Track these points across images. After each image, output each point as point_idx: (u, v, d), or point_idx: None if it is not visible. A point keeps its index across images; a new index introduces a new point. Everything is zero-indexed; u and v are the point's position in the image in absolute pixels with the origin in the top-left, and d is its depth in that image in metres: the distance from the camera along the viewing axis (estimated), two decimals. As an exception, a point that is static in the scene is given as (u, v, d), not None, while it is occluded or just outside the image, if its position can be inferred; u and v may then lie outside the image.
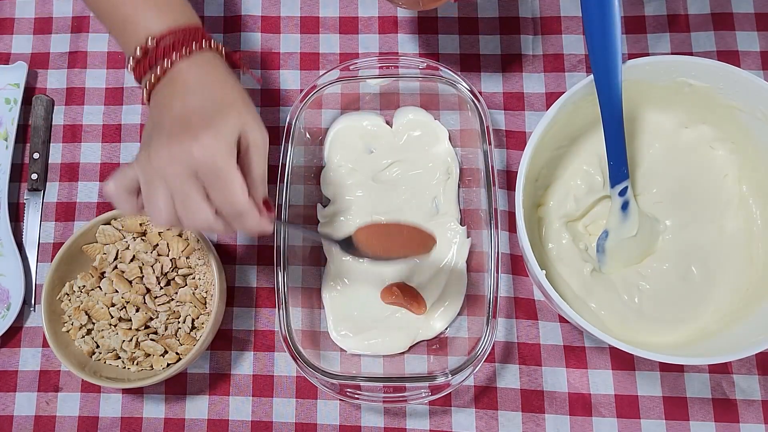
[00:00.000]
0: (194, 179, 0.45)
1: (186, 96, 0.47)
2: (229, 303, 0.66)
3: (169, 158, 0.44)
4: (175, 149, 0.44)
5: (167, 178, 0.45)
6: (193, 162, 0.44)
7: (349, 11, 0.73)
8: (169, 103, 0.47)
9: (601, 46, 0.54)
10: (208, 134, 0.44)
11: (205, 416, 0.64)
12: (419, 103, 0.69)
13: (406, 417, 0.63)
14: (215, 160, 0.44)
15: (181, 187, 0.45)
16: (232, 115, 0.46)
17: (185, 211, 0.45)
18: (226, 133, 0.45)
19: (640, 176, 0.63)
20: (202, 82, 0.48)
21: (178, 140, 0.45)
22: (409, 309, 0.64)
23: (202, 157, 0.44)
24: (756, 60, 0.69)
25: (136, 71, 0.49)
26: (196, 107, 0.46)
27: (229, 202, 0.45)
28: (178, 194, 0.45)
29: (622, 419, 0.61)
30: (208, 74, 0.48)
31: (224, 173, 0.45)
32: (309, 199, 0.67)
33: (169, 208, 0.45)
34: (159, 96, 0.48)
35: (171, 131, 0.45)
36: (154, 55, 0.48)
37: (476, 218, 0.65)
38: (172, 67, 0.47)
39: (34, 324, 0.67)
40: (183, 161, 0.44)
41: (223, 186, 0.45)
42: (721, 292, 0.60)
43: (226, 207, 0.46)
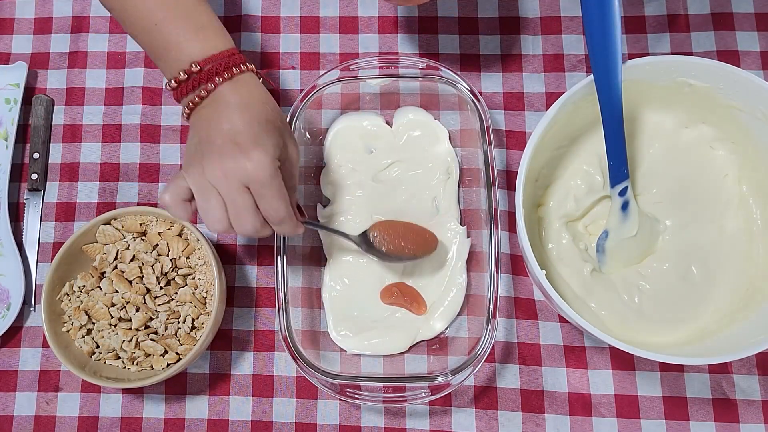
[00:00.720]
0: (246, 191, 0.50)
1: (232, 116, 0.51)
2: (229, 303, 0.66)
3: (222, 173, 0.50)
4: (229, 165, 0.50)
5: (222, 190, 0.50)
6: (246, 177, 0.50)
7: (349, 11, 0.73)
8: (217, 121, 0.51)
9: (601, 46, 0.54)
10: (258, 152, 0.50)
11: (205, 416, 0.64)
12: (419, 103, 0.69)
13: (406, 417, 0.63)
14: (265, 175, 0.50)
15: (235, 198, 0.50)
16: (275, 134, 0.52)
17: (238, 220, 0.51)
18: (272, 150, 0.51)
19: (640, 176, 0.63)
20: (244, 102, 0.52)
21: (231, 156, 0.50)
22: (409, 309, 0.64)
23: (254, 173, 0.50)
24: (756, 60, 0.69)
25: (177, 92, 0.53)
26: (244, 127, 0.51)
27: (275, 211, 0.51)
28: (232, 205, 0.51)
29: (622, 419, 0.61)
30: (248, 95, 0.53)
31: (273, 187, 0.51)
32: (309, 199, 0.67)
33: (223, 217, 0.51)
34: (203, 114, 0.53)
35: (222, 148, 0.50)
36: (198, 79, 0.52)
37: (476, 218, 0.65)
38: (215, 89, 0.52)
39: (34, 324, 0.67)
40: (236, 176, 0.50)
41: (272, 198, 0.51)
42: (721, 292, 0.60)
43: (272, 215, 0.52)
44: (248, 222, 0.51)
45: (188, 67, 0.52)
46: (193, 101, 0.53)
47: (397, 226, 0.62)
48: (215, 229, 0.52)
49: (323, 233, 0.66)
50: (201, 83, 0.52)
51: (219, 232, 0.52)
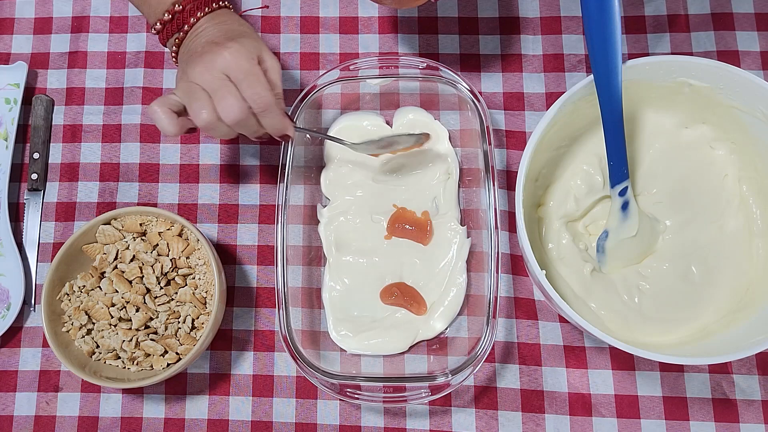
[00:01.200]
0: (227, 79, 0.53)
1: (209, 33, 0.57)
2: (229, 303, 0.66)
3: (203, 66, 0.53)
4: (208, 58, 0.53)
5: (205, 82, 0.53)
6: (224, 64, 0.53)
7: (349, 11, 0.73)
8: (196, 40, 0.57)
9: (601, 46, 0.54)
10: (234, 44, 0.54)
11: (205, 416, 0.64)
12: (419, 103, 0.69)
13: (406, 417, 0.63)
14: (243, 62, 0.53)
15: (219, 86, 0.52)
16: (251, 39, 0.56)
17: (224, 105, 0.53)
18: (249, 46, 0.54)
19: (640, 176, 0.63)
20: (221, 24, 0.57)
21: (209, 52, 0.54)
22: (409, 309, 0.64)
23: (232, 59, 0.53)
24: (756, 60, 0.69)
25: (163, 34, 0.59)
26: (221, 34, 0.56)
27: (258, 95, 0.53)
28: (216, 92, 0.53)
29: (622, 419, 0.61)
30: (226, 20, 0.58)
31: (252, 72, 0.53)
32: (309, 199, 0.67)
33: (209, 107, 0.53)
34: (186, 45, 0.58)
35: (202, 51, 0.54)
36: (180, 17, 0.57)
37: (476, 218, 0.65)
38: (197, 22, 0.57)
39: (34, 324, 0.67)
40: (216, 65, 0.53)
41: (252, 82, 0.53)
42: (721, 292, 0.60)
43: (256, 101, 0.53)
44: (233, 105, 0.52)
45: (171, 8, 0.57)
46: (179, 38, 0.58)
47: None
48: (203, 121, 0.53)
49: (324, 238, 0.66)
50: (184, 21, 0.57)
51: (207, 124, 0.53)
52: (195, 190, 0.69)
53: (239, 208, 0.69)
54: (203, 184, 0.69)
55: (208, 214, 0.69)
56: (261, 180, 0.69)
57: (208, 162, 0.70)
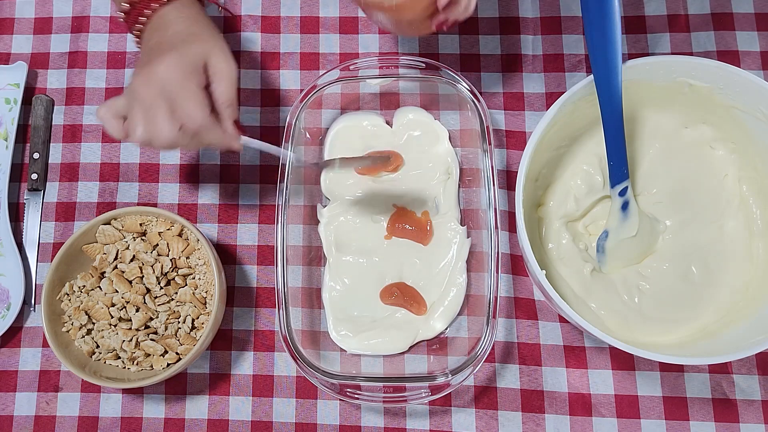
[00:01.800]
0: (161, 98, 0.50)
1: (161, 32, 0.54)
2: (229, 303, 0.66)
3: (141, 79, 0.51)
4: (146, 70, 0.51)
5: (140, 98, 0.50)
6: (158, 79, 0.50)
7: (349, 11, 0.73)
8: (149, 39, 0.55)
9: (601, 46, 0.54)
10: (171, 56, 0.50)
11: (205, 416, 0.64)
12: (419, 103, 0.69)
13: (406, 417, 0.63)
14: (176, 76, 0.50)
15: (150, 104, 0.50)
16: (196, 43, 0.52)
17: (152, 127, 0.50)
18: (188, 55, 0.51)
19: (640, 176, 0.63)
20: (177, 20, 0.54)
21: (147, 65, 0.51)
22: (409, 309, 0.64)
23: (164, 74, 0.50)
24: (756, 60, 0.69)
25: (127, 22, 0.56)
26: (167, 39, 0.53)
27: (188, 116, 0.50)
28: (147, 113, 0.50)
29: (622, 419, 0.61)
30: (182, 13, 0.55)
31: (184, 89, 0.50)
32: (309, 199, 0.67)
33: (142, 125, 0.50)
34: (145, 38, 0.56)
35: (146, 60, 0.52)
36: (140, 6, 0.55)
37: (476, 218, 0.65)
38: (155, 13, 0.55)
39: (34, 324, 0.67)
40: (151, 81, 0.50)
41: (184, 102, 0.50)
42: (721, 292, 0.60)
43: (186, 120, 0.50)
44: (161, 129, 0.50)
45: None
46: (139, 29, 0.56)
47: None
48: (137, 139, 0.51)
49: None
50: (144, 10, 0.55)
51: (140, 144, 0.52)
52: (195, 190, 0.69)
53: (239, 208, 0.69)
54: (203, 184, 0.69)
55: (208, 214, 0.69)
56: (261, 180, 0.69)
57: (208, 162, 0.70)
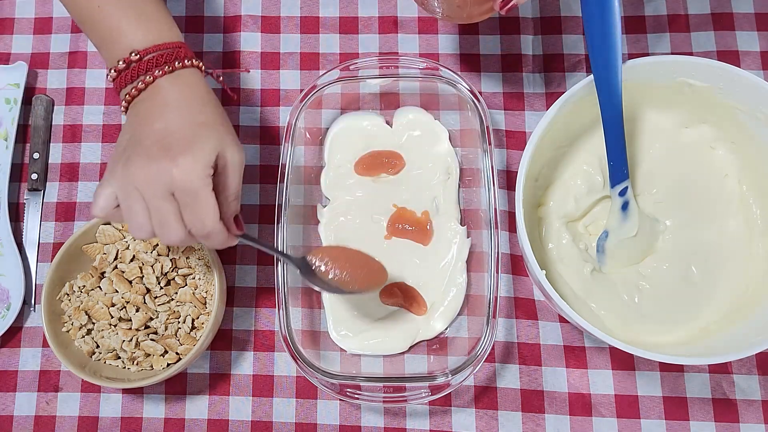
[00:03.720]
0: (171, 199, 0.47)
1: (166, 114, 0.49)
2: (229, 303, 0.66)
3: (147, 178, 0.47)
4: (154, 169, 0.46)
5: (146, 196, 0.47)
6: (171, 184, 0.46)
7: (349, 11, 0.73)
8: (149, 118, 0.49)
9: (601, 46, 0.54)
10: (187, 158, 0.46)
11: (205, 416, 0.64)
12: (419, 103, 0.69)
13: (406, 417, 0.63)
14: (192, 183, 0.47)
15: (159, 205, 0.47)
16: (211, 137, 0.48)
17: (161, 229, 0.48)
18: (203, 155, 0.47)
19: (640, 176, 0.63)
20: (182, 100, 0.49)
21: (157, 161, 0.47)
22: (409, 309, 0.64)
23: (180, 180, 0.46)
24: (756, 60, 0.69)
25: (117, 82, 0.51)
26: (176, 128, 0.48)
27: (200, 224, 0.48)
28: (155, 212, 0.47)
29: (622, 419, 0.61)
30: (188, 93, 0.50)
31: (199, 197, 0.47)
32: (309, 199, 0.67)
33: (146, 223, 0.48)
34: (138, 108, 0.50)
35: (150, 151, 0.47)
36: (136, 69, 0.49)
37: (476, 218, 0.65)
38: (154, 82, 0.49)
39: (34, 324, 0.67)
40: (161, 182, 0.46)
41: (197, 209, 0.48)
42: (721, 292, 0.60)
43: (197, 227, 0.48)
44: (172, 232, 0.48)
45: (127, 56, 0.49)
46: (130, 93, 0.50)
47: (342, 255, 0.57)
48: (138, 236, 0.49)
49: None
50: (140, 74, 0.49)
51: (143, 239, 0.50)
52: (195, 190, 0.69)
53: (239, 209, 0.68)
54: (203, 184, 0.69)
55: (208, 214, 0.69)
56: (261, 180, 0.69)
57: (208, 162, 0.70)
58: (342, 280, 0.57)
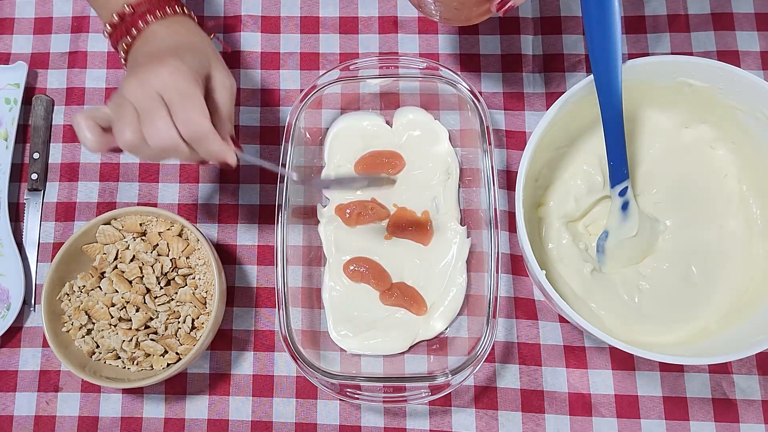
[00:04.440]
0: (160, 99, 0.47)
1: (157, 41, 0.52)
2: (229, 303, 0.66)
3: (137, 82, 0.47)
4: (143, 73, 0.48)
5: (135, 99, 0.47)
6: (159, 83, 0.47)
7: (349, 11, 0.73)
8: (142, 49, 0.52)
9: (601, 46, 0.54)
10: (175, 60, 0.48)
11: (205, 416, 0.64)
12: (419, 103, 0.69)
13: (406, 417, 0.63)
14: (179, 81, 0.47)
15: (148, 105, 0.47)
16: (199, 53, 0.51)
17: (150, 128, 0.47)
18: (193, 63, 0.49)
19: (640, 176, 0.63)
20: (173, 33, 0.52)
21: (145, 66, 0.48)
22: (409, 309, 0.64)
23: (168, 78, 0.47)
24: (756, 60, 0.69)
25: (113, 36, 0.53)
26: (166, 46, 0.51)
27: (191, 122, 0.48)
28: (145, 113, 0.47)
29: (622, 419, 0.61)
30: (179, 30, 0.53)
31: (187, 95, 0.47)
32: (309, 199, 0.67)
33: (134, 127, 0.47)
34: (136, 55, 0.52)
35: (142, 62, 0.49)
36: (130, 22, 0.52)
37: (476, 218, 0.65)
38: (147, 28, 0.52)
39: (34, 324, 0.67)
40: (150, 82, 0.47)
41: (186, 107, 0.47)
42: (721, 291, 0.60)
43: (188, 128, 0.48)
44: (160, 131, 0.47)
45: (121, 10, 0.52)
46: (127, 43, 0.53)
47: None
48: (126, 142, 0.48)
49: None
50: (134, 24, 0.52)
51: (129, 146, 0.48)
52: (195, 190, 0.69)
53: (239, 208, 0.69)
54: (203, 184, 0.69)
55: (208, 214, 0.69)
56: (261, 180, 0.69)
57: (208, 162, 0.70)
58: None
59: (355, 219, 0.65)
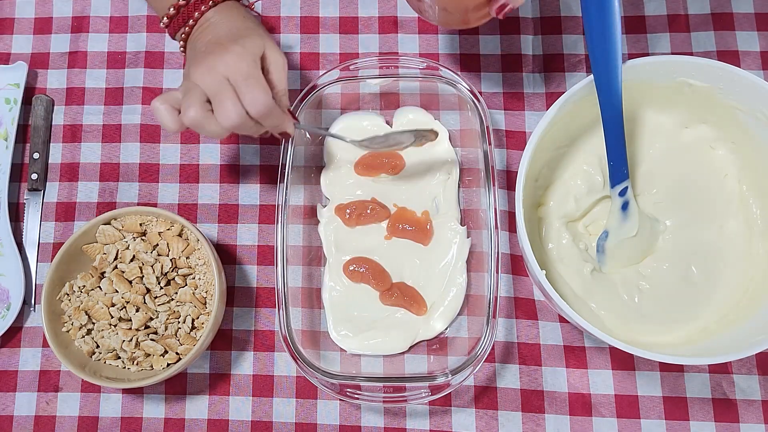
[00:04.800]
0: (227, 83, 0.53)
1: (215, 29, 0.57)
2: (229, 303, 0.66)
3: (205, 68, 0.53)
4: (210, 60, 0.53)
5: (204, 84, 0.53)
6: (225, 68, 0.53)
7: (349, 11, 0.73)
8: (202, 37, 0.57)
9: (601, 46, 0.54)
10: (237, 46, 0.54)
11: (205, 416, 0.64)
12: (419, 103, 0.69)
13: (406, 417, 0.63)
14: (243, 65, 0.53)
15: (217, 88, 0.53)
16: (255, 36, 0.56)
17: (221, 109, 0.53)
18: (251, 47, 0.54)
19: (640, 176, 0.63)
20: (227, 19, 0.58)
21: (211, 53, 0.54)
22: (409, 309, 0.64)
23: (233, 63, 0.53)
24: (756, 60, 0.69)
25: (171, 27, 0.59)
26: (225, 33, 0.56)
27: (257, 100, 0.53)
28: (215, 96, 0.53)
29: (622, 419, 0.61)
30: (231, 14, 0.58)
31: (252, 76, 0.53)
32: (309, 199, 0.67)
33: (198, 106, 0.52)
34: (194, 43, 0.58)
35: (205, 52, 0.55)
36: (186, 12, 0.58)
37: (476, 218, 0.65)
38: (202, 17, 0.58)
39: (34, 324, 0.67)
40: (217, 68, 0.53)
41: (252, 87, 0.53)
42: (721, 292, 0.60)
43: (254, 107, 0.53)
44: (230, 110, 0.52)
45: (176, 2, 0.58)
46: (185, 32, 0.58)
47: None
48: (189, 117, 0.52)
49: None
50: (189, 16, 0.58)
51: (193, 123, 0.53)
52: (195, 190, 0.69)
53: (239, 208, 0.69)
54: (203, 184, 0.69)
55: (208, 214, 0.69)
56: (261, 180, 0.69)
57: (208, 162, 0.70)
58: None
59: (355, 219, 0.65)
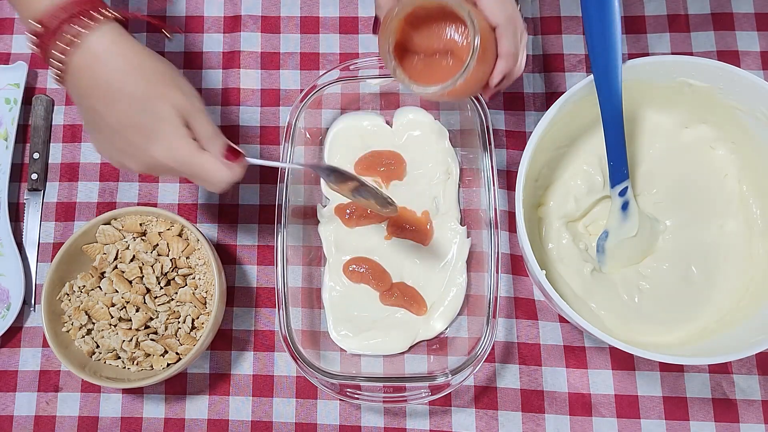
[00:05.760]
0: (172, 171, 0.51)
1: (112, 101, 0.47)
2: (229, 303, 0.66)
3: (139, 166, 0.50)
4: (133, 163, 0.50)
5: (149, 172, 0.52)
6: (164, 167, 0.50)
7: (349, 11, 0.73)
8: (97, 107, 0.48)
9: (601, 46, 0.54)
10: (161, 145, 0.48)
11: (205, 416, 0.64)
12: (419, 103, 0.69)
13: (406, 417, 0.63)
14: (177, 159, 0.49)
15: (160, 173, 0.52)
16: (166, 111, 0.48)
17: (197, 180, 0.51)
18: (173, 133, 0.48)
19: (640, 176, 0.63)
20: (120, 73, 0.47)
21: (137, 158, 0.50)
22: (409, 309, 0.64)
23: (168, 162, 0.49)
24: (756, 60, 0.69)
25: (43, 48, 0.47)
26: (130, 120, 0.48)
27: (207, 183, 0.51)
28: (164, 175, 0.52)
29: (622, 419, 0.61)
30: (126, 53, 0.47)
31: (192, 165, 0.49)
32: (309, 199, 0.67)
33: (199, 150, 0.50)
34: (80, 85, 0.48)
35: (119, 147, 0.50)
36: (56, 30, 0.46)
37: (476, 218, 0.65)
38: (83, 43, 0.46)
39: (34, 324, 0.67)
40: (156, 168, 0.50)
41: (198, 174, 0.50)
42: (721, 291, 0.60)
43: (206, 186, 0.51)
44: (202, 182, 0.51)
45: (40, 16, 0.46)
46: (61, 59, 0.47)
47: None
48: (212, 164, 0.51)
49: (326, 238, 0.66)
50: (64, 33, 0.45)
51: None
52: (195, 190, 0.69)
53: (239, 208, 0.69)
54: (203, 184, 0.69)
55: (208, 214, 0.69)
56: (261, 180, 0.69)
57: (208, 162, 0.70)
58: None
59: (355, 219, 0.65)
